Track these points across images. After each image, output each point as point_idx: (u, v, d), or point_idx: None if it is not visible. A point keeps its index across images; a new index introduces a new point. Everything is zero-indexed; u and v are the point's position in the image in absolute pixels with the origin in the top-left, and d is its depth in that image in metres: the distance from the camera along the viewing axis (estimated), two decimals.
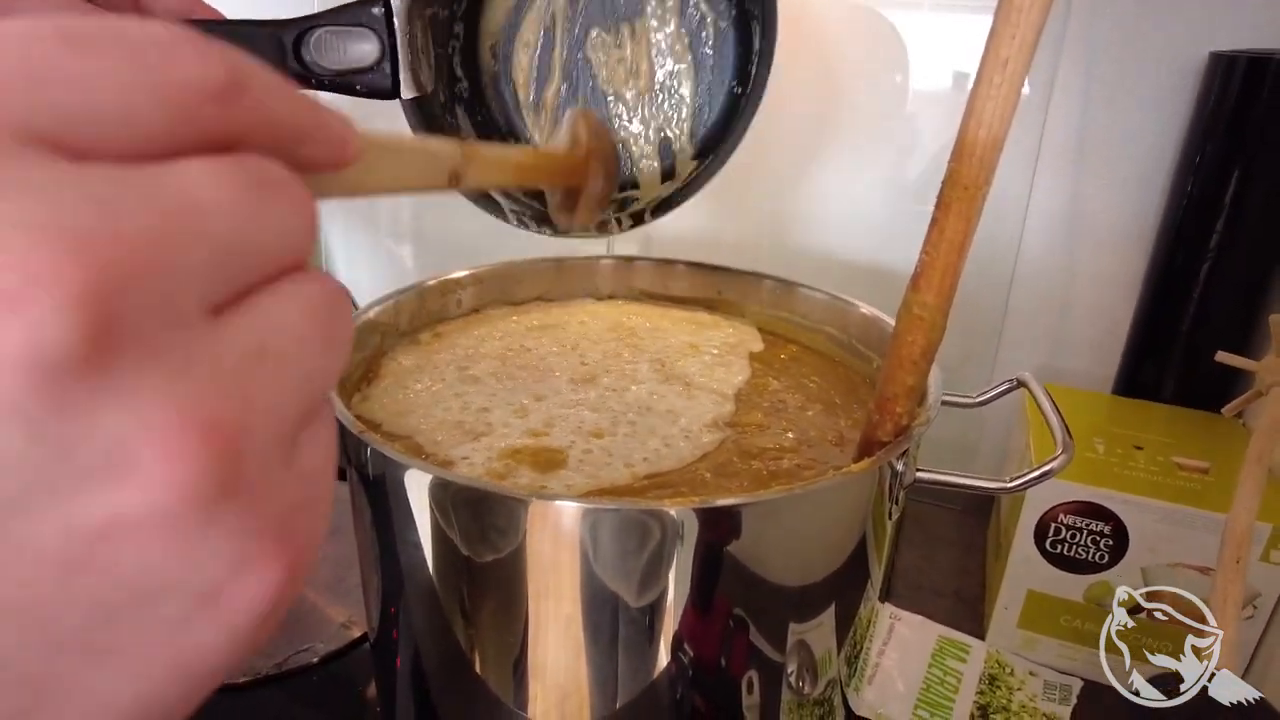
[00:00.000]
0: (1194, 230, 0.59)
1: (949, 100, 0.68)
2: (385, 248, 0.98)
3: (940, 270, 0.31)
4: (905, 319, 0.32)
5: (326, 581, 0.61)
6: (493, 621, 0.36)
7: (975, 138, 0.28)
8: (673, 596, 0.34)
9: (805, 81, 0.71)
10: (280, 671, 0.53)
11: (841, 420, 0.45)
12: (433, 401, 0.44)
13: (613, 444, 0.41)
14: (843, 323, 0.52)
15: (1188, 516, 0.50)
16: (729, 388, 0.47)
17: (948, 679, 0.55)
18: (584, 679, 0.37)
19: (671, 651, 0.36)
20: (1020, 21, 0.26)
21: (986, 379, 0.72)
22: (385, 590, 0.40)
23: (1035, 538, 0.54)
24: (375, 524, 0.38)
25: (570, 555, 0.33)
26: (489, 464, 0.39)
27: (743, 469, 0.40)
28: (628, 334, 0.54)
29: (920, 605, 0.61)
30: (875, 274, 0.72)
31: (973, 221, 0.30)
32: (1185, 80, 0.60)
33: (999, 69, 0.27)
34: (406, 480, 0.34)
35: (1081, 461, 0.54)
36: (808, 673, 0.40)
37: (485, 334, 0.52)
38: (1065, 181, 0.65)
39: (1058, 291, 0.68)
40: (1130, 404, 0.63)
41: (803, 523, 0.35)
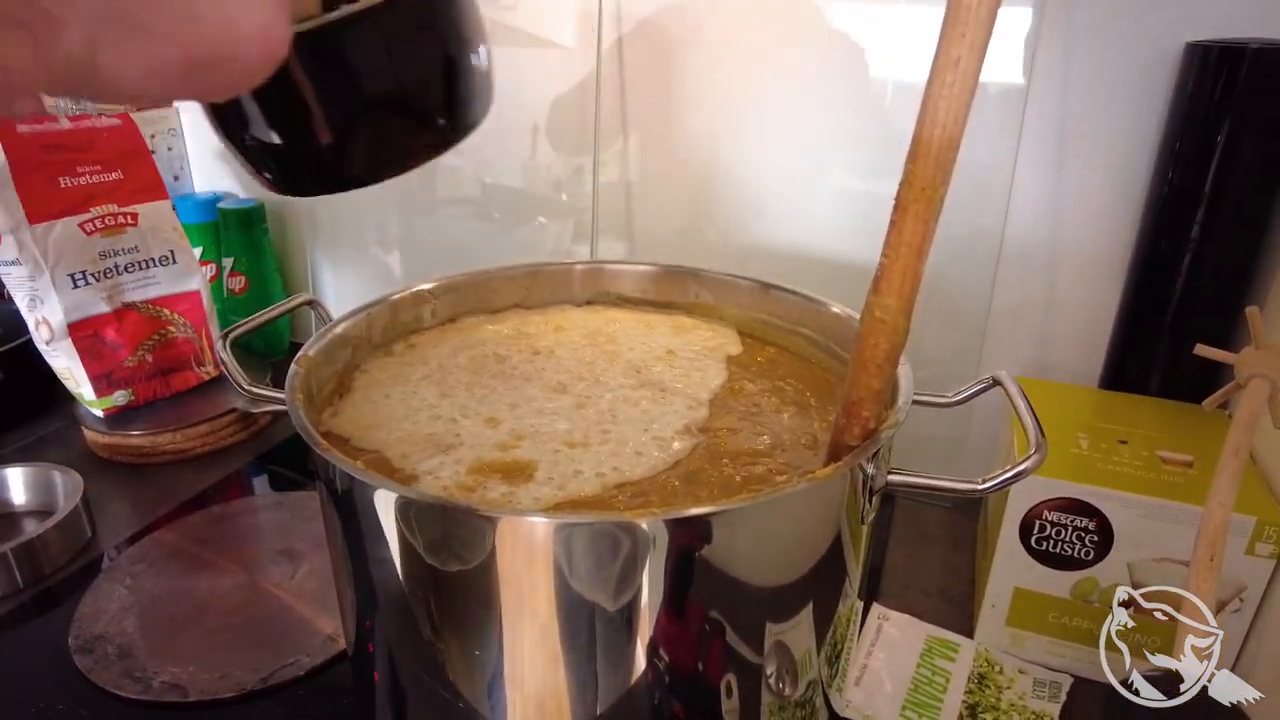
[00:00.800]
0: (1175, 220, 0.59)
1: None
2: (372, 257, 0.98)
3: (900, 273, 0.30)
4: (867, 322, 0.32)
5: (313, 594, 0.61)
6: (467, 634, 0.36)
7: (931, 138, 0.28)
8: (647, 603, 0.34)
9: (782, 77, 0.71)
10: (267, 686, 0.53)
11: (815, 423, 0.45)
12: (403, 414, 0.43)
13: (584, 453, 0.41)
14: (818, 323, 0.52)
15: (1172, 511, 0.50)
16: (704, 392, 0.47)
17: (936, 678, 0.55)
18: (562, 688, 0.36)
19: (649, 657, 0.36)
20: (969, 20, 0.26)
21: (973, 374, 0.71)
22: (360, 604, 0.40)
23: (1020, 535, 0.54)
24: (346, 539, 0.38)
25: (541, 568, 0.33)
26: (457, 477, 0.39)
27: (714, 475, 0.40)
28: (605, 340, 0.54)
29: (908, 604, 0.61)
30: (855, 271, 0.72)
31: (931, 223, 0.29)
32: (1163, 70, 0.59)
33: (950, 68, 0.27)
34: (375, 498, 0.34)
35: (1066, 457, 0.54)
36: (787, 674, 0.40)
37: (459, 344, 0.52)
38: (1046, 175, 0.65)
39: (1042, 286, 0.68)
40: (1115, 398, 0.63)
41: (773, 527, 0.35)
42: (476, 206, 0.90)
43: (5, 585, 0.62)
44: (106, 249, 0.78)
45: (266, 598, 0.61)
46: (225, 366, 0.42)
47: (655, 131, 0.78)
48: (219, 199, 0.97)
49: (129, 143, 0.80)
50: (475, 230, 0.91)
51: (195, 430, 0.80)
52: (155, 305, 0.82)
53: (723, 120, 0.74)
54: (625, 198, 0.82)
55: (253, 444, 0.83)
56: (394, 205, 0.94)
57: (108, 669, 0.54)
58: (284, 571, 0.63)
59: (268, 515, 0.71)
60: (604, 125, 0.78)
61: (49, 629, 0.58)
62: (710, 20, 0.72)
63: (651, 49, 0.75)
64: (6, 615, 0.60)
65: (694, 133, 0.76)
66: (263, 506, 0.73)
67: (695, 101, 0.75)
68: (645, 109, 0.78)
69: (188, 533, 0.69)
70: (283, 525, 0.69)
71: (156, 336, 0.82)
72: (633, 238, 0.83)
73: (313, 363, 0.42)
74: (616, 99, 0.78)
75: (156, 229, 0.81)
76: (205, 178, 1.04)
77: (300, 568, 0.64)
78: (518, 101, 0.82)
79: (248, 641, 0.57)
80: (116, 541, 0.68)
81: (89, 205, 0.77)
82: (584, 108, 0.79)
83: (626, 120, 0.79)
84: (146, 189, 0.81)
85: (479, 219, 0.91)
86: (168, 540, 0.67)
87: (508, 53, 0.82)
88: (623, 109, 0.78)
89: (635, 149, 0.80)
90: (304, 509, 0.71)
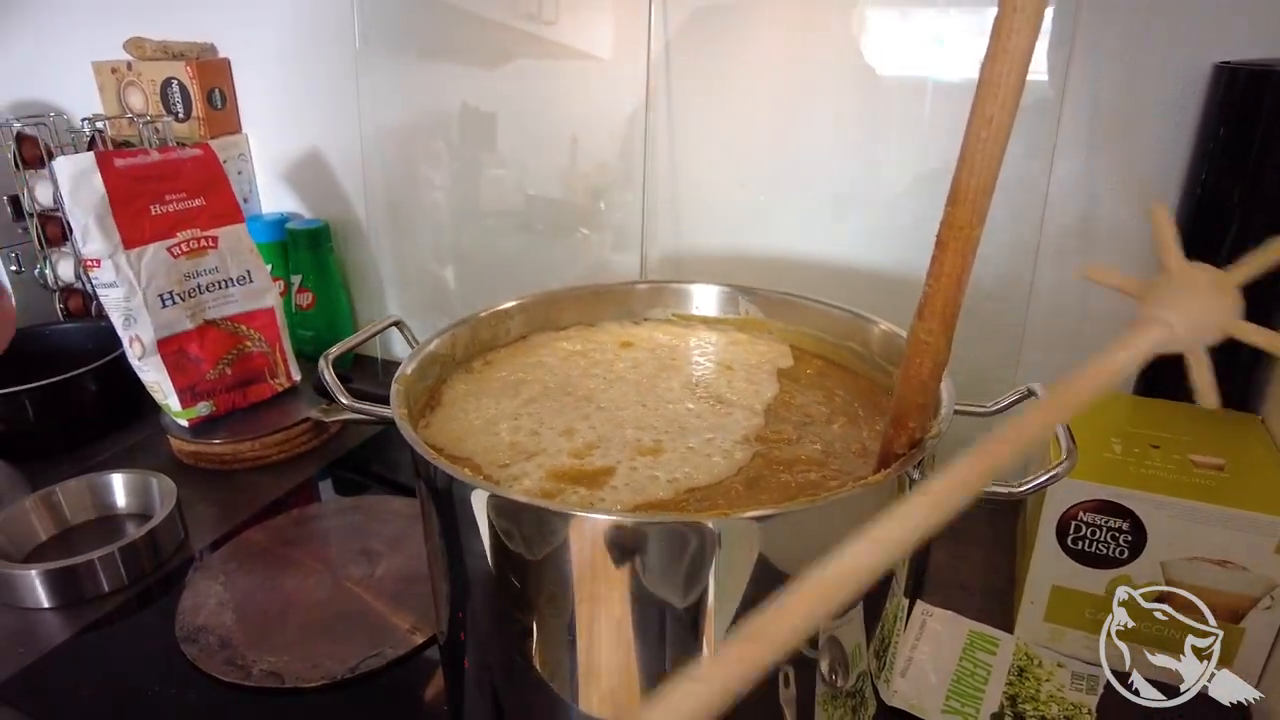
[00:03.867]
0: (1205, 237, 0.61)
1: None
2: (430, 271, 1.03)
3: (941, 301, 0.34)
4: (912, 344, 0.36)
5: (392, 591, 0.66)
6: (549, 624, 0.40)
7: (968, 185, 0.32)
8: (713, 598, 0.38)
9: (826, 94, 0.75)
10: (355, 675, 0.58)
11: (864, 431, 0.49)
12: (487, 426, 0.48)
13: (655, 460, 0.45)
14: (864, 338, 0.56)
15: (1204, 512, 0.53)
16: (759, 403, 0.51)
17: (978, 670, 0.58)
18: (635, 675, 0.40)
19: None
20: (1001, 84, 0.30)
21: (1011, 379, 0.75)
22: (453, 596, 0.44)
23: (1057, 535, 0.57)
24: (444, 536, 0.42)
25: (617, 564, 0.37)
26: (540, 482, 0.43)
27: (773, 481, 0.43)
28: (666, 354, 0.58)
29: (951, 601, 0.64)
30: (898, 284, 0.75)
31: (969, 257, 0.33)
32: (1192, 91, 0.62)
33: (985, 124, 0.30)
34: (471, 498, 0.39)
35: (1099, 461, 0.56)
36: (840, 666, 0.43)
37: (532, 360, 0.57)
38: (1080, 187, 0.68)
39: (1077, 295, 0.71)
40: (1149, 403, 0.66)
41: (828, 529, 0.38)
42: (520, 219, 0.95)
43: (113, 582, 0.67)
44: (191, 270, 0.84)
45: (348, 594, 0.66)
46: (327, 383, 0.47)
47: (696, 143, 0.82)
48: (286, 219, 1.03)
49: (209, 171, 0.86)
50: (519, 242, 0.96)
51: (272, 439, 0.86)
52: (233, 322, 0.88)
53: (764, 130, 0.78)
54: (670, 210, 0.86)
55: (323, 451, 0.89)
56: (447, 221, 0.99)
57: (212, 657, 0.59)
58: (363, 570, 0.69)
59: (345, 518, 0.76)
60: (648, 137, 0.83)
61: (155, 622, 0.64)
62: (753, 34, 0.76)
63: (695, 60, 0.79)
64: (116, 610, 0.66)
65: (734, 144, 0.80)
66: (339, 510, 0.78)
67: (736, 113, 0.79)
68: (686, 121, 0.81)
69: (272, 534, 0.74)
70: (359, 527, 0.75)
71: (235, 351, 0.88)
72: (679, 258, 0.87)
73: (410, 380, 0.47)
74: (663, 113, 0.82)
75: (235, 250, 0.87)
76: (271, 199, 1.11)
77: (378, 567, 0.69)
78: (558, 113, 0.87)
79: (334, 634, 0.62)
80: (206, 542, 0.74)
81: (175, 230, 0.83)
82: (622, 119, 0.83)
83: (672, 131, 0.83)
84: (225, 213, 0.87)
85: (523, 231, 0.95)
86: (255, 541, 0.73)
87: (548, 65, 0.86)
88: (669, 122, 0.82)
89: (677, 161, 0.83)
90: (378, 512, 0.76)
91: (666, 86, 0.81)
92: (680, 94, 0.81)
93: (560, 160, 0.90)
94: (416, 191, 0.99)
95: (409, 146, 0.97)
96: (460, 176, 0.96)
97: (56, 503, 0.75)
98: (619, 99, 0.83)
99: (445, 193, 0.98)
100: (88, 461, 0.86)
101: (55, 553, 0.71)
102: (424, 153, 0.97)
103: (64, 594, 0.66)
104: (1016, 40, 0.29)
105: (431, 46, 0.93)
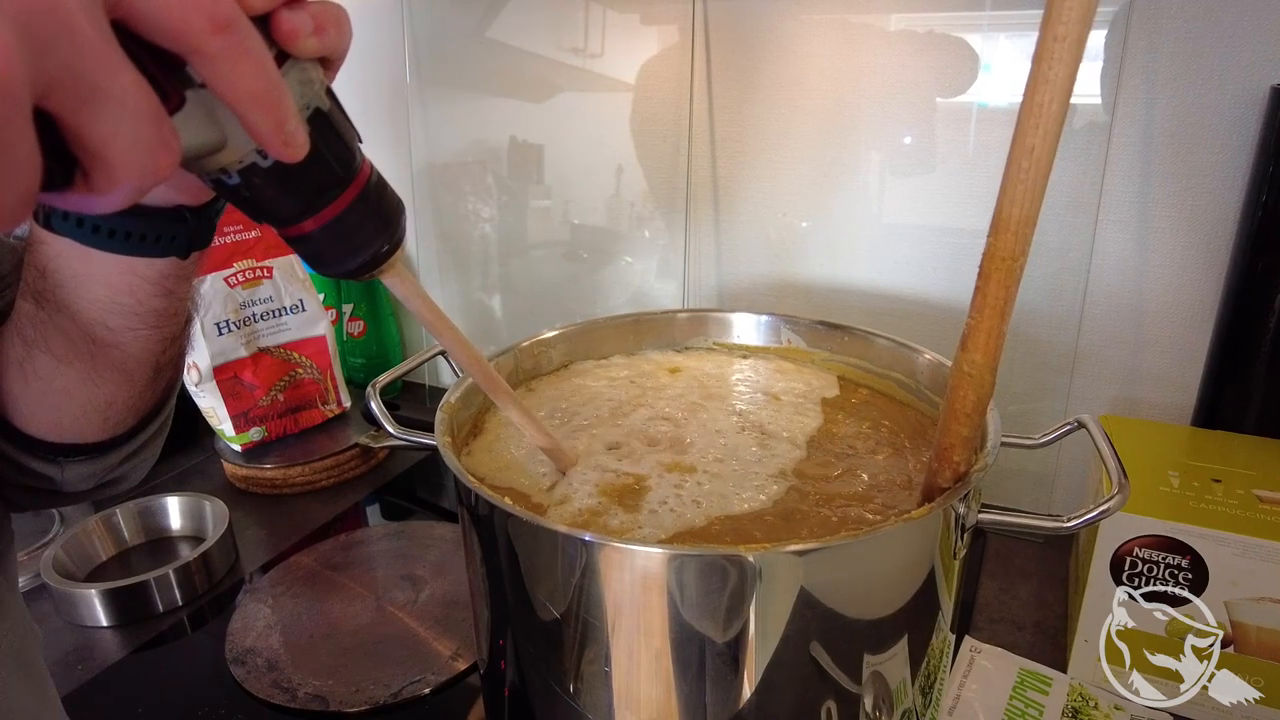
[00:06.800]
0: (1266, 258, 0.60)
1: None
2: (478, 299, 1.05)
3: (985, 332, 0.33)
4: (956, 376, 0.35)
5: (434, 617, 0.66)
6: (588, 654, 0.40)
7: (1010, 215, 0.31)
8: (753, 632, 0.38)
9: (869, 121, 0.75)
10: (397, 700, 0.58)
11: (910, 462, 0.48)
12: (530, 453, 0.48)
13: (695, 490, 0.45)
14: (909, 368, 0.55)
15: (1270, 550, 0.51)
16: (801, 435, 0.51)
17: (1029, 710, 0.56)
18: (674, 708, 0.40)
19: (753, 683, 0.39)
20: (1042, 115, 0.29)
21: (1061, 410, 0.73)
22: (494, 623, 0.44)
23: (1111, 571, 0.55)
24: (485, 564, 0.43)
25: (656, 595, 0.37)
26: (582, 509, 0.43)
27: (812, 515, 0.43)
28: (710, 382, 0.58)
29: (1001, 638, 0.62)
30: (943, 313, 0.74)
31: (1012, 288, 0.32)
32: (1249, 113, 0.60)
33: (1026, 155, 0.30)
34: (510, 527, 0.39)
35: (1155, 495, 0.55)
36: (884, 703, 0.42)
37: (573, 388, 0.57)
38: (1132, 213, 0.67)
39: (1129, 324, 0.69)
40: (1210, 435, 0.64)
41: (870, 563, 0.38)
42: (565, 247, 0.97)
43: (167, 602, 0.69)
44: (246, 299, 0.87)
45: (391, 619, 0.67)
46: (374, 411, 0.48)
47: (737, 170, 0.83)
48: None
49: None
50: (564, 271, 0.97)
51: (321, 464, 0.88)
52: (286, 349, 0.90)
53: (806, 158, 0.78)
54: (713, 238, 0.86)
55: (371, 476, 0.91)
56: (495, 252, 1.01)
57: (259, 679, 0.60)
58: (407, 595, 0.69)
59: (390, 543, 0.77)
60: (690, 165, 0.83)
61: (206, 642, 0.65)
62: (795, 63, 0.76)
63: (736, 89, 0.80)
64: (169, 630, 0.67)
65: (776, 172, 0.80)
66: (385, 535, 0.79)
67: (778, 141, 0.79)
68: (728, 150, 0.82)
69: (319, 558, 0.75)
70: (403, 552, 0.76)
71: (287, 378, 0.90)
72: (721, 286, 0.87)
73: (454, 409, 0.48)
74: (705, 142, 0.83)
75: (289, 280, 0.89)
76: None
77: (422, 593, 0.70)
78: (603, 143, 0.88)
79: (377, 659, 0.62)
80: (256, 565, 0.75)
81: (232, 261, 0.86)
82: (666, 149, 0.84)
83: (714, 159, 0.83)
84: (280, 244, 0.89)
85: (568, 260, 0.97)
86: (303, 564, 0.74)
87: (593, 97, 0.89)
88: (711, 150, 0.83)
89: (719, 188, 0.84)
90: (423, 538, 0.77)
91: (709, 116, 0.82)
92: (722, 123, 0.81)
93: (605, 189, 0.91)
94: (465, 223, 1.01)
95: (458, 179, 1.00)
96: (507, 208, 0.98)
97: (116, 524, 0.78)
98: (662, 128, 0.84)
99: (493, 224, 1.00)
100: (145, 484, 0.89)
101: (114, 573, 0.74)
102: (473, 185, 0.99)
103: (122, 613, 0.68)
104: (1058, 69, 0.29)
105: (480, 81, 0.95)
